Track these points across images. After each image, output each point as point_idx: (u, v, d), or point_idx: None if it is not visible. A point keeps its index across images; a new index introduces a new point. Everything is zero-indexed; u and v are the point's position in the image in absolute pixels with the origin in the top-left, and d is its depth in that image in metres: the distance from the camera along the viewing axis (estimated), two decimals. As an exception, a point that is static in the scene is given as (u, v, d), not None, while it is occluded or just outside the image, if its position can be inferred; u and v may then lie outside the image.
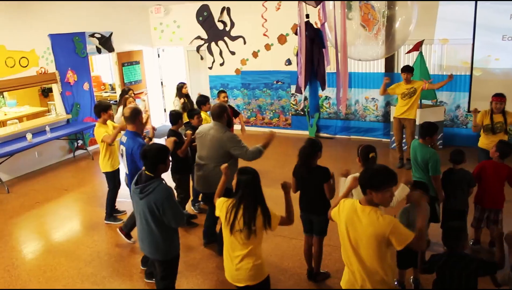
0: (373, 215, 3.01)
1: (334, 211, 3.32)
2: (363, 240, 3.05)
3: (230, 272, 3.66)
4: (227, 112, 5.17)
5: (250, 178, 3.54)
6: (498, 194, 5.18)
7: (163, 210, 3.69)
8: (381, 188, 2.96)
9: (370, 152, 4.28)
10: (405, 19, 5.67)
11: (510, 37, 8.72)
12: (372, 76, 10.01)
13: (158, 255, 3.98)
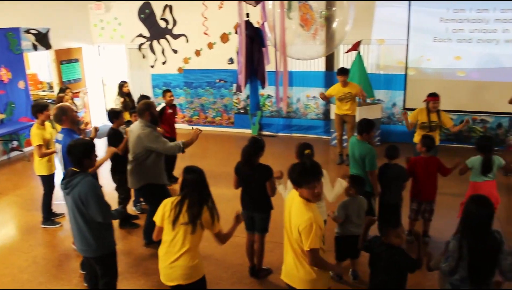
0: (300, 208, 3.14)
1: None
2: (293, 230, 3.16)
3: (164, 271, 3.64)
4: (151, 110, 5.17)
5: (195, 177, 3.56)
6: (432, 186, 5.45)
7: (87, 204, 3.65)
8: (301, 184, 3.11)
9: (305, 149, 4.40)
10: (342, 19, 5.82)
11: (440, 38, 9.20)
12: (313, 75, 10.22)
13: (90, 253, 3.91)
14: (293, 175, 3.16)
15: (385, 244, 3.57)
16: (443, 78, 9.30)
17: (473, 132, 9.58)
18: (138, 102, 7.08)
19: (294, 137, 10.62)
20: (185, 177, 3.58)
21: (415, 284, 4.68)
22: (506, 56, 8.97)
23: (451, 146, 9.54)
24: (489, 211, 3.21)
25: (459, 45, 9.14)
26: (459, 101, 9.33)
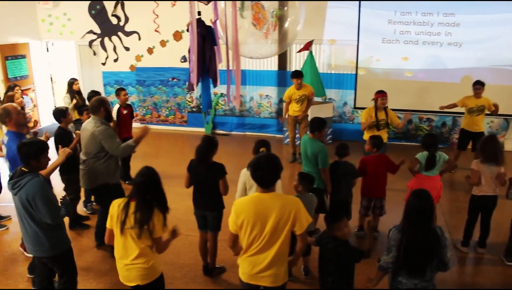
0: (280, 196, 3.26)
1: None
2: (272, 224, 3.19)
3: (122, 272, 3.61)
4: (106, 106, 5.09)
5: (145, 179, 3.51)
6: (382, 183, 5.64)
7: (35, 205, 3.55)
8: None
9: (261, 147, 4.45)
10: (293, 19, 5.91)
11: (389, 40, 9.49)
12: (266, 73, 10.32)
13: (44, 252, 3.81)
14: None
15: (330, 237, 3.68)
16: (391, 78, 9.61)
17: (420, 131, 9.96)
18: (88, 99, 6.92)
19: (247, 135, 10.68)
20: (135, 178, 3.54)
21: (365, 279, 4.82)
22: (449, 58, 9.37)
23: (399, 144, 9.87)
24: (428, 204, 3.35)
25: (406, 47, 9.46)
26: (406, 101, 9.65)
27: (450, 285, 4.85)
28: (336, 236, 3.63)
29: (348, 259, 3.66)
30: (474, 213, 5.41)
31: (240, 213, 3.22)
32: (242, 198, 3.39)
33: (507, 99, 9.27)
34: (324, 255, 3.72)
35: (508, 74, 9.23)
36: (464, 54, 9.30)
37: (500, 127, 9.75)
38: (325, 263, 3.73)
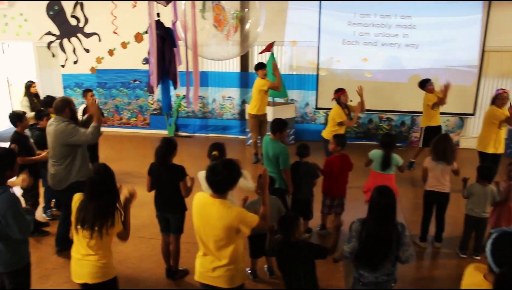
0: (222, 208, 3.16)
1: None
2: (214, 231, 3.19)
3: (73, 268, 3.56)
4: (71, 107, 5.01)
5: (99, 178, 3.49)
6: (344, 182, 5.74)
7: (6, 222, 3.38)
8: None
9: (213, 150, 4.47)
10: (254, 20, 5.95)
11: (348, 41, 9.68)
12: (228, 75, 10.33)
13: (2, 267, 3.64)
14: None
15: (282, 242, 3.71)
16: (352, 78, 9.79)
17: (380, 130, 10.18)
18: (45, 104, 6.76)
19: (210, 137, 10.66)
20: (90, 177, 3.50)
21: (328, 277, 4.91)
22: (407, 59, 9.65)
23: (360, 143, 10.06)
24: (391, 200, 3.44)
25: (365, 48, 9.68)
26: (366, 101, 9.79)
27: (409, 279, 4.99)
28: (296, 239, 3.68)
29: (310, 256, 3.70)
30: (427, 208, 5.60)
31: (193, 212, 3.30)
32: (196, 198, 3.37)
33: (462, 98, 9.64)
34: (284, 258, 3.73)
35: (462, 74, 9.58)
36: (421, 55, 9.58)
37: (456, 126, 10.09)
38: (287, 265, 3.74)
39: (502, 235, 2.45)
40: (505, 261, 2.37)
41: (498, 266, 2.38)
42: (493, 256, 2.42)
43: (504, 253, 2.40)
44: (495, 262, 2.40)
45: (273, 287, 4.86)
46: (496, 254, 2.41)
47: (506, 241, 2.43)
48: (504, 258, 2.38)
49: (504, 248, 2.41)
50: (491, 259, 2.42)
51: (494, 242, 2.44)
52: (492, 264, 2.41)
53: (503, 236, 2.45)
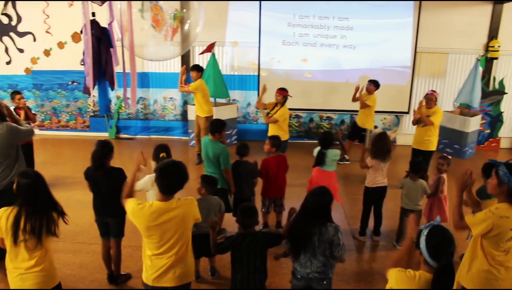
0: (182, 204, 3.24)
1: None
2: (176, 233, 3.23)
3: (15, 282, 3.40)
4: (1, 108, 4.78)
5: (31, 182, 3.31)
6: (282, 182, 5.82)
7: None
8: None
9: (161, 152, 4.43)
10: (193, 21, 5.93)
11: (289, 42, 9.85)
12: (170, 76, 10.22)
13: None
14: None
15: (242, 234, 3.80)
16: (292, 78, 9.96)
17: (321, 129, 10.42)
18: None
19: (152, 139, 10.51)
20: (19, 182, 3.30)
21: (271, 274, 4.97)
22: (345, 59, 9.93)
23: (301, 142, 10.26)
24: (324, 200, 3.57)
25: (305, 49, 9.88)
26: (307, 100, 10.07)
27: (350, 273, 5.14)
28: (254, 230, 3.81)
29: (268, 245, 3.80)
30: (368, 204, 5.79)
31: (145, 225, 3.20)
32: (142, 207, 3.25)
33: (397, 97, 10.04)
34: (243, 253, 3.76)
35: (397, 74, 9.98)
36: (358, 56, 9.89)
37: (392, 123, 10.50)
38: (245, 257, 3.77)
39: (432, 229, 2.59)
40: (441, 253, 2.51)
41: (434, 260, 2.52)
42: (428, 251, 2.55)
43: (437, 247, 2.53)
44: (431, 256, 2.53)
45: (216, 287, 4.88)
46: (431, 248, 2.54)
47: (437, 234, 2.56)
48: (439, 251, 2.52)
49: (437, 242, 2.54)
50: (427, 254, 2.55)
51: (427, 238, 2.57)
52: (429, 258, 2.54)
53: (433, 230, 2.59)
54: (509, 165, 3.25)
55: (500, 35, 9.91)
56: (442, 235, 2.56)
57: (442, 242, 2.53)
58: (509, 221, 3.20)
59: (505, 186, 3.21)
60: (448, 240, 2.54)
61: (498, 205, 3.28)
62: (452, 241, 2.55)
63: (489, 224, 3.21)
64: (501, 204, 3.27)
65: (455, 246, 2.56)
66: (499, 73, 10.22)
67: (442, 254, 2.50)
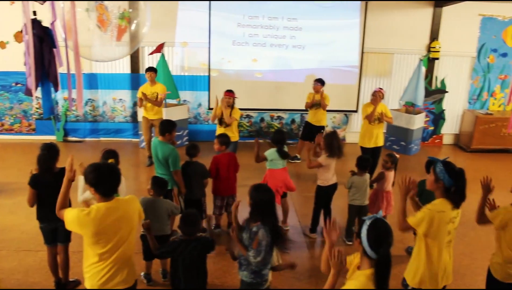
0: (127, 202, 3.26)
1: None
2: (126, 234, 3.21)
3: None
4: None
5: None
6: (233, 181, 5.84)
7: None
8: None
9: (110, 158, 4.34)
10: (139, 21, 5.86)
11: (238, 42, 9.88)
12: (119, 76, 10.03)
13: None
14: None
15: (185, 241, 3.78)
16: (243, 79, 10.00)
17: (272, 128, 10.51)
18: None
19: (102, 141, 10.27)
20: None
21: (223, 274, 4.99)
22: (294, 59, 10.07)
23: (253, 142, 10.26)
24: (267, 196, 3.61)
25: (255, 49, 9.94)
26: (258, 100, 10.14)
27: (301, 270, 5.21)
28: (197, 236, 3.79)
29: (205, 250, 3.82)
30: (320, 202, 5.89)
31: (88, 227, 3.12)
32: (89, 213, 3.17)
33: (345, 96, 10.28)
34: (184, 258, 3.75)
35: (345, 74, 10.23)
36: (307, 56, 10.05)
37: (341, 122, 10.74)
38: (187, 262, 3.77)
39: (374, 221, 2.68)
40: (379, 245, 2.60)
41: (373, 250, 2.60)
42: (369, 241, 2.63)
43: (377, 237, 2.62)
44: (371, 247, 2.61)
45: (168, 289, 4.85)
46: (371, 239, 2.63)
47: (378, 227, 2.65)
48: (378, 242, 2.61)
49: (377, 233, 2.63)
50: (367, 244, 2.63)
51: (369, 229, 2.65)
52: (368, 248, 2.62)
53: (375, 222, 2.68)
54: (445, 162, 3.44)
55: (440, 36, 10.36)
56: (383, 227, 2.65)
57: (382, 233, 2.63)
58: (446, 215, 3.39)
59: (441, 182, 3.40)
60: (387, 232, 2.65)
61: (435, 202, 3.47)
62: (390, 234, 2.65)
63: (429, 220, 3.39)
64: (438, 200, 3.47)
65: (393, 239, 2.67)
66: (441, 73, 10.66)
67: (381, 244, 2.59)
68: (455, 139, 11.22)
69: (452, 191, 3.41)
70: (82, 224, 3.09)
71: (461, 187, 3.42)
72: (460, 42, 10.51)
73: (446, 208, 3.40)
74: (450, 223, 3.43)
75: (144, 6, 5.80)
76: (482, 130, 10.31)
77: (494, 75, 10.84)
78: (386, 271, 2.57)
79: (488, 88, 10.90)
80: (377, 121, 7.39)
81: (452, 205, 3.41)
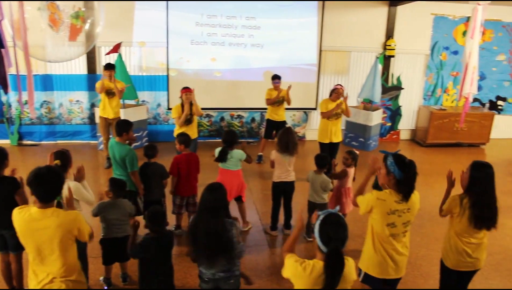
0: (58, 214, 3.06)
1: None
2: (51, 245, 3.06)
3: None
4: None
5: None
6: (194, 181, 5.79)
7: None
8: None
9: (55, 159, 4.23)
10: (93, 20, 5.75)
11: (197, 41, 9.82)
12: (75, 77, 9.78)
13: None
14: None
15: (153, 238, 3.79)
16: (202, 78, 9.95)
17: (232, 127, 10.51)
18: None
19: (59, 144, 9.97)
20: None
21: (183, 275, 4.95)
22: (253, 58, 10.10)
23: (213, 141, 10.29)
24: (219, 195, 3.53)
25: (214, 48, 9.90)
26: (217, 99, 10.12)
27: (262, 267, 5.24)
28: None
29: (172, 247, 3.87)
30: (276, 198, 5.93)
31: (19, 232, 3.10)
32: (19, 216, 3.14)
33: (305, 94, 10.39)
34: (155, 255, 3.75)
35: (303, 72, 10.34)
36: (266, 55, 10.10)
37: (301, 120, 10.85)
38: (158, 259, 3.78)
39: (327, 216, 2.71)
40: (330, 239, 2.62)
41: (324, 245, 2.63)
42: (320, 236, 2.66)
43: (329, 232, 2.64)
44: (322, 241, 2.64)
45: (128, 292, 4.79)
46: (323, 234, 2.66)
47: (330, 221, 2.68)
48: (329, 237, 2.63)
49: (329, 228, 2.65)
50: (319, 238, 2.66)
51: (321, 223, 2.68)
52: (320, 243, 2.65)
53: (328, 216, 2.70)
54: (396, 155, 3.50)
55: (395, 35, 10.63)
56: (336, 222, 2.67)
57: (333, 228, 2.64)
58: (385, 204, 3.46)
59: (392, 175, 3.46)
60: (340, 228, 2.66)
61: (384, 191, 3.55)
62: (344, 229, 2.67)
63: (367, 204, 3.52)
64: (387, 189, 3.54)
65: (347, 234, 2.69)
66: (396, 70, 10.94)
67: (331, 239, 2.60)
68: (412, 134, 11.53)
69: (401, 183, 3.45)
70: (14, 221, 3.14)
71: (410, 179, 3.46)
72: (414, 40, 10.81)
73: (389, 199, 3.46)
74: (395, 216, 3.48)
75: (98, 6, 5.69)
76: (437, 125, 10.63)
77: (447, 72, 11.20)
78: (336, 267, 2.58)
79: (442, 84, 11.25)
80: (335, 117, 7.49)
81: (400, 197, 3.47)
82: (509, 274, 5.35)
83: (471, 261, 3.86)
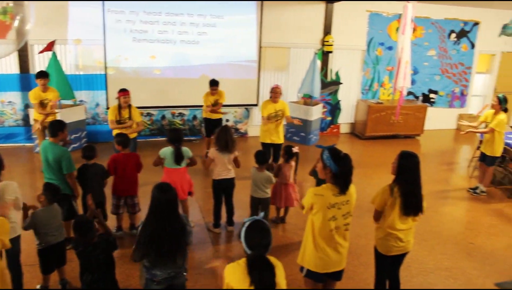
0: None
1: None
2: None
3: None
4: None
5: None
6: (133, 181, 5.70)
7: None
8: None
9: None
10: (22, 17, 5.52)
11: (135, 39, 9.65)
12: (7, 77, 9.34)
13: None
14: None
15: (85, 244, 3.71)
16: (141, 76, 9.79)
17: (174, 125, 10.41)
18: None
19: (-9, 147, 9.53)
20: None
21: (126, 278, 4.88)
22: (193, 55, 10.05)
23: (155, 140, 10.16)
24: (172, 195, 3.47)
25: (153, 45, 9.76)
26: (158, 97, 9.99)
27: (206, 265, 5.23)
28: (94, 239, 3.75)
29: (109, 250, 3.82)
30: (217, 196, 5.94)
31: None
32: None
33: (245, 91, 10.47)
34: (90, 260, 3.70)
35: (244, 69, 10.42)
36: (206, 52, 10.08)
37: (243, 116, 10.91)
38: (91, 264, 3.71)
39: (253, 223, 2.81)
40: (254, 244, 2.74)
41: (250, 250, 2.73)
42: (246, 241, 2.77)
43: (253, 238, 2.76)
44: (248, 246, 2.75)
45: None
46: (248, 239, 2.76)
47: (255, 228, 2.79)
48: (253, 242, 2.75)
49: (253, 234, 2.77)
50: (245, 243, 2.77)
51: (246, 229, 2.79)
52: (246, 248, 2.76)
53: (253, 223, 2.81)
54: (331, 149, 3.59)
55: (333, 31, 10.89)
56: (260, 228, 2.78)
57: (257, 235, 2.76)
58: (324, 199, 3.55)
59: (329, 168, 3.55)
60: (264, 233, 2.77)
61: (322, 186, 3.63)
62: (268, 235, 2.78)
63: (308, 202, 3.62)
64: (324, 185, 3.63)
65: (271, 239, 2.80)
66: (335, 65, 11.22)
67: (255, 245, 2.73)
68: (351, 128, 11.88)
69: (338, 176, 3.54)
70: None
71: (346, 172, 3.55)
72: (351, 36, 11.13)
73: (327, 193, 3.55)
74: (335, 209, 3.57)
75: (27, 3, 5.47)
76: (374, 119, 11.00)
77: (382, 66, 11.62)
78: (258, 270, 2.63)
79: (378, 79, 11.66)
80: (276, 118, 7.49)
81: (338, 190, 3.56)
82: (442, 258, 5.64)
83: (403, 245, 4.04)
